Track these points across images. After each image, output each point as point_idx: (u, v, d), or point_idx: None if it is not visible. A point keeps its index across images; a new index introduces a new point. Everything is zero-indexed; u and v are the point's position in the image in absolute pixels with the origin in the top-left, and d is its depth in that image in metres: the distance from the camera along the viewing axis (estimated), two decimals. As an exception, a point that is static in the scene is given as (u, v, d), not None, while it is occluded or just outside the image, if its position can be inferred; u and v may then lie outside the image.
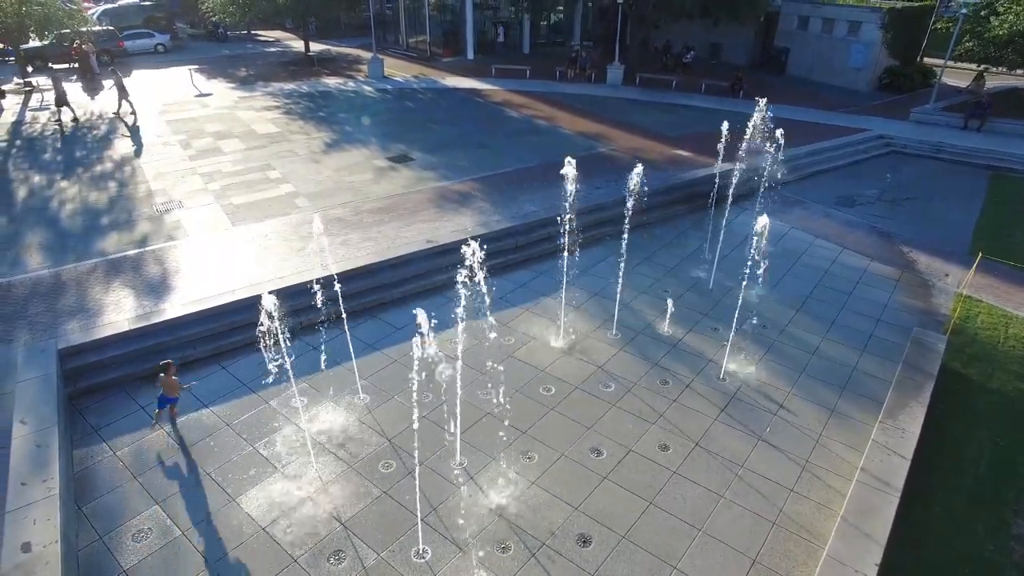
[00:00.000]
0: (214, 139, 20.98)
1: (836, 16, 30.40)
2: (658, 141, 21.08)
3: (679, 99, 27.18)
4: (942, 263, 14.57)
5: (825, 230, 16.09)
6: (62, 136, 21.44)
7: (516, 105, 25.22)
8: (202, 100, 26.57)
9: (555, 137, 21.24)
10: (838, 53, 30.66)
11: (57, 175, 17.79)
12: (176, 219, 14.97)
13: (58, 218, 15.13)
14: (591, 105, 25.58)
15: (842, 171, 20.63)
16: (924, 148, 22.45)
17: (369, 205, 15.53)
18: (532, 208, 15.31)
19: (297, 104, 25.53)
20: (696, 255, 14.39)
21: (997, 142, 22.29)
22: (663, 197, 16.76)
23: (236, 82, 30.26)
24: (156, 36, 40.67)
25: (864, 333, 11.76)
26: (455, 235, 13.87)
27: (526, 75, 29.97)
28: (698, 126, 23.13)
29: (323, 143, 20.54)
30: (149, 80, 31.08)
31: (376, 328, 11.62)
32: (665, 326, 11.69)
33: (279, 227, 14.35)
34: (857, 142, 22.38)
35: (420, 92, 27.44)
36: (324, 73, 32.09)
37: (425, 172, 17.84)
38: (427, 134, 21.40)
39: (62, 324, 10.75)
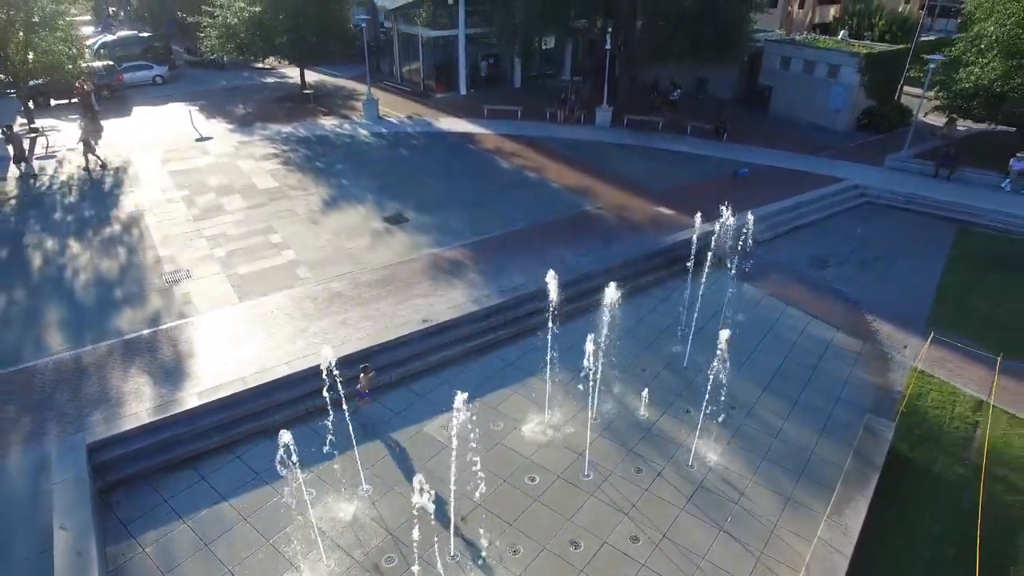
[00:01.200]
0: (216, 195, 22.00)
1: (816, 58, 31.63)
2: (642, 197, 22.22)
3: (665, 143, 28.34)
4: (902, 333, 15.78)
5: (797, 296, 17.27)
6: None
7: (507, 153, 26.31)
8: (203, 145, 27.55)
9: (544, 192, 22.36)
10: (818, 93, 31.91)
11: (69, 238, 18.79)
12: (185, 292, 16.01)
13: (73, 290, 16.16)
14: (579, 152, 26.71)
15: (818, 226, 21.85)
16: (896, 199, 23.70)
17: (367, 276, 16.61)
18: (520, 280, 16.42)
19: (295, 152, 26.55)
20: (672, 329, 15.51)
21: (964, 193, 23.56)
22: (644, 264, 17.93)
23: (235, 123, 31.23)
24: (154, 68, 41.53)
25: (823, 413, 12.94)
26: (450, 312, 14.99)
27: (517, 116, 31.07)
28: (682, 176, 24.34)
29: (321, 200, 21.59)
30: (150, 119, 32.05)
31: (376, 413, 12.69)
32: (642, 408, 12.82)
33: (283, 303, 15.41)
34: (833, 194, 23.60)
35: (414, 137, 28.48)
36: (320, 112, 33.10)
37: (419, 236, 18.92)
38: (421, 190, 22.46)
39: (87, 415, 11.80)
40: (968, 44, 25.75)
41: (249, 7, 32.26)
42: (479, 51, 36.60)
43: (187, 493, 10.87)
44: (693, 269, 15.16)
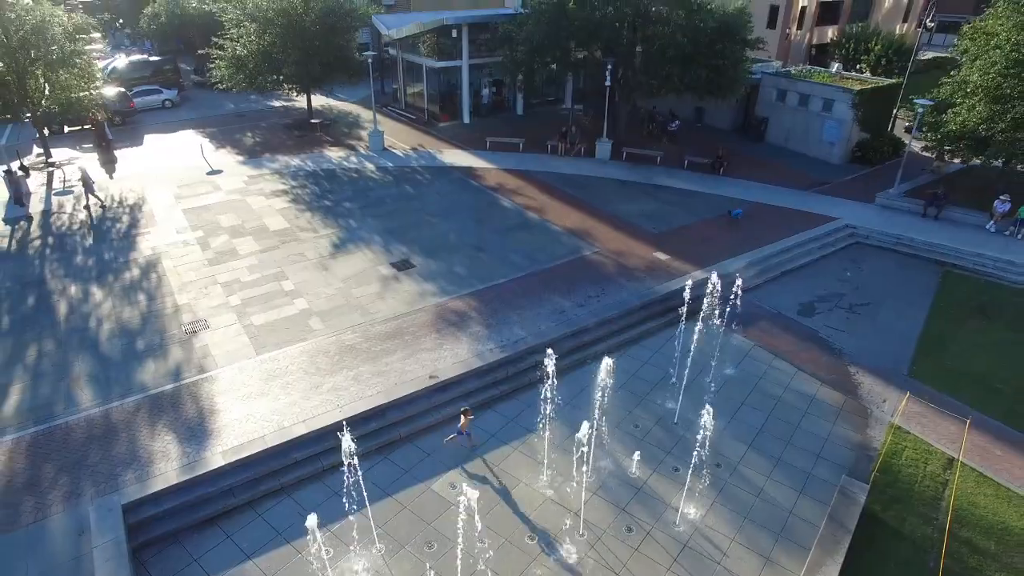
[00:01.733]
0: (230, 236, 23.04)
1: (811, 92, 32.59)
2: (639, 240, 23.21)
3: (663, 178, 29.32)
4: (883, 385, 16.75)
5: (784, 347, 18.24)
6: (90, 226, 23.47)
7: (509, 191, 27.31)
8: (214, 180, 28.60)
9: (544, 236, 23.35)
10: (813, 126, 32.88)
11: (91, 285, 19.85)
12: (204, 344, 17.04)
13: (98, 340, 17.19)
14: (579, 189, 27.70)
15: (809, 269, 22.80)
16: (885, 240, 24.66)
17: (377, 328, 17.62)
18: (521, 333, 17.42)
19: (304, 188, 27.59)
20: (664, 382, 16.49)
21: (949, 234, 24.51)
22: (639, 314, 18.92)
23: (244, 153, 32.30)
24: (164, 92, 42.74)
25: (804, 472, 13.93)
26: (456, 367, 16.00)
27: (519, 148, 32.08)
28: (678, 217, 25.31)
29: (330, 243, 22.61)
30: (162, 148, 33.15)
31: (387, 471, 13.70)
32: (633, 467, 13.82)
33: (298, 357, 16.43)
34: (825, 234, 24.56)
35: (419, 172, 29.48)
36: (327, 142, 34.15)
37: (426, 284, 19.93)
38: (426, 231, 23.49)
39: (120, 474, 12.84)
40: (955, 87, 26.70)
41: (258, 39, 33.31)
42: (482, 78, 37.59)
43: (214, 552, 11.89)
44: (685, 319, 16.08)
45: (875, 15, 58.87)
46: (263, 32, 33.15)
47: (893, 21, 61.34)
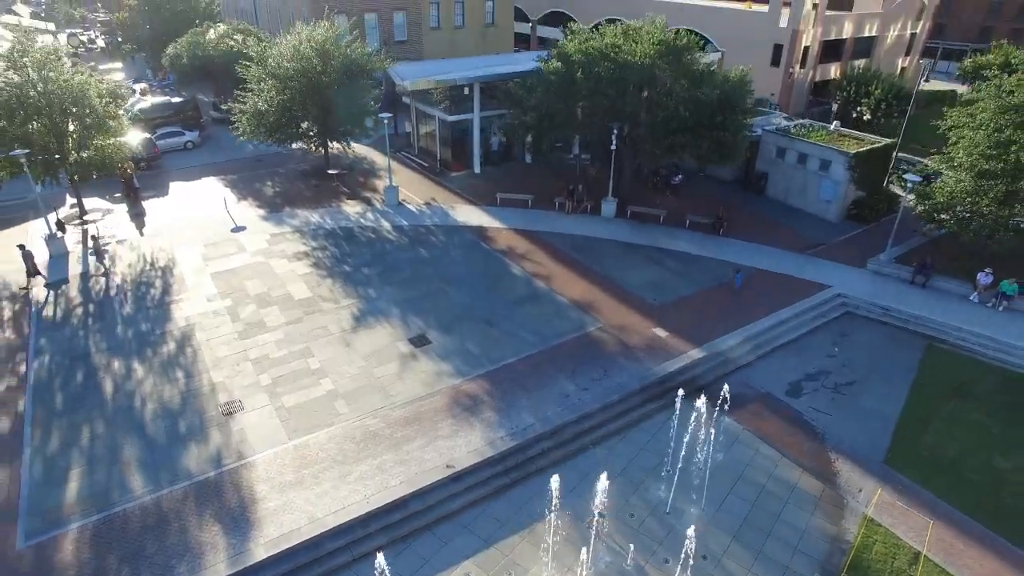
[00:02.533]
0: (257, 306, 24.91)
1: (809, 152, 34.20)
2: (640, 313, 24.92)
3: (665, 240, 30.99)
4: (860, 474, 18.44)
5: (771, 430, 19.94)
6: (127, 293, 25.34)
7: (519, 256, 29.07)
8: (238, 239, 30.49)
9: (551, 308, 25.10)
10: (811, 184, 34.50)
11: (132, 359, 21.75)
12: (240, 427, 18.90)
13: (144, 422, 19.07)
14: (585, 254, 29.40)
15: (801, 342, 24.48)
16: (874, 311, 26.30)
17: (397, 413, 19.43)
18: (530, 420, 19.21)
19: (324, 251, 29.42)
20: (659, 469, 18.21)
21: (936, 305, 26.12)
22: (638, 397, 20.66)
23: (265, 206, 34.20)
24: (186, 134, 44.76)
25: (782, 567, 15.65)
26: (470, 456, 17.81)
27: (528, 204, 33.84)
28: (679, 287, 27.00)
29: (351, 315, 24.43)
30: (186, 199, 35.16)
31: (410, 561, 15.50)
32: (628, 559, 15.57)
33: (326, 444, 18.26)
34: (816, 306, 26.22)
35: (433, 232, 31.27)
36: (343, 193, 36.01)
37: (441, 364, 21.72)
38: (441, 302, 25.29)
39: (175, 567, 14.70)
40: (942, 161, 28.29)
41: (279, 95, 35.17)
42: (493, 126, 39.24)
43: (260, 642, 13.73)
44: (681, 401, 17.56)
45: (877, 51, 60.30)
46: (283, 88, 34.99)
47: (895, 56, 62.73)
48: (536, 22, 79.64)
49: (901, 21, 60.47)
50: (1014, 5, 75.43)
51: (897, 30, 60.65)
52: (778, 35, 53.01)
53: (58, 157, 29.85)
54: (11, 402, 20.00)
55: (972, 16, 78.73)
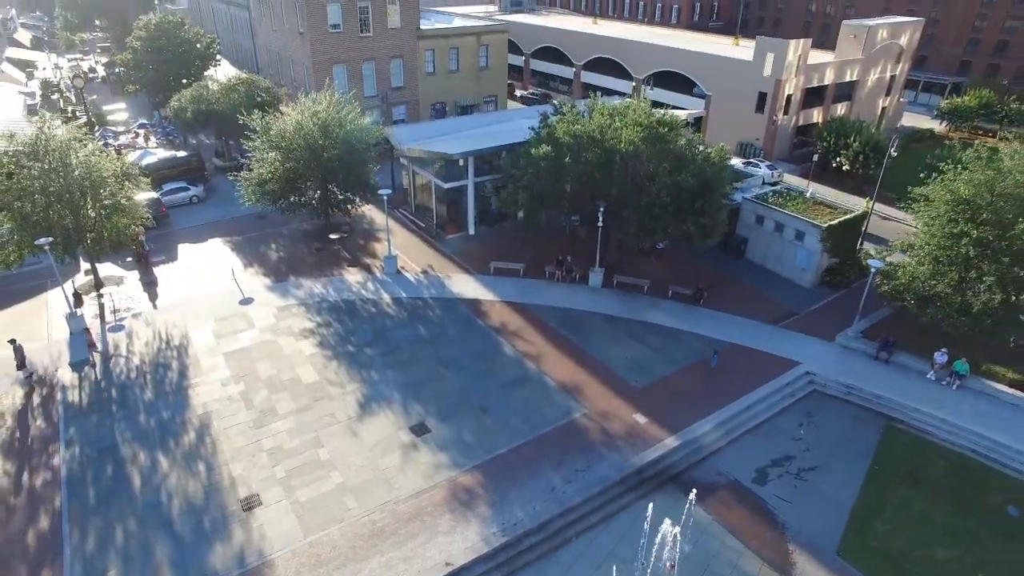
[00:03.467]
0: (268, 392, 27.16)
1: (785, 222, 36.64)
2: (622, 396, 27.30)
3: (649, 311, 33.34)
4: (814, 566, 20.83)
5: (737, 521, 22.31)
6: (147, 377, 27.48)
7: (511, 333, 31.38)
8: (246, 312, 32.71)
9: (540, 394, 27.42)
10: (787, 252, 36.95)
11: (156, 451, 23.96)
12: (260, 523, 21.17)
13: (171, 519, 21.30)
14: (573, 330, 31.73)
15: (769, 425, 26.88)
16: (839, 390, 28.75)
17: (401, 508, 21.74)
18: (520, 515, 21.56)
19: (328, 327, 31.65)
20: (631, 563, 20.53)
21: (896, 383, 28.58)
22: (618, 488, 23.02)
23: (270, 274, 36.44)
24: (191, 189, 46.93)
25: (740, 660, 18.05)
26: (466, 552, 20.16)
27: (520, 273, 36.15)
28: (659, 367, 29.36)
29: (356, 402, 26.68)
30: (195, 264, 37.43)
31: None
32: (606, 657, 17.94)
33: (338, 541, 20.55)
34: (787, 384, 28.65)
35: (431, 307, 33.53)
36: (344, 259, 38.24)
37: (439, 455, 24.03)
38: (439, 388, 27.57)
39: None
40: (904, 245, 30.76)
41: (282, 164, 37.34)
42: (488, 186, 41.34)
43: None
44: (655, 494, 19.78)
45: (859, 94, 62.88)
46: (285, 159, 37.16)
47: (876, 96, 65.33)
48: (529, 56, 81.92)
49: (881, 65, 63.04)
50: (990, 42, 78.14)
51: (877, 73, 63.22)
52: (762, 83, 55.56)
53: (75, 236, 31.96)
54: (48, 498, 22.21)
55: (952, 49, 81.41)
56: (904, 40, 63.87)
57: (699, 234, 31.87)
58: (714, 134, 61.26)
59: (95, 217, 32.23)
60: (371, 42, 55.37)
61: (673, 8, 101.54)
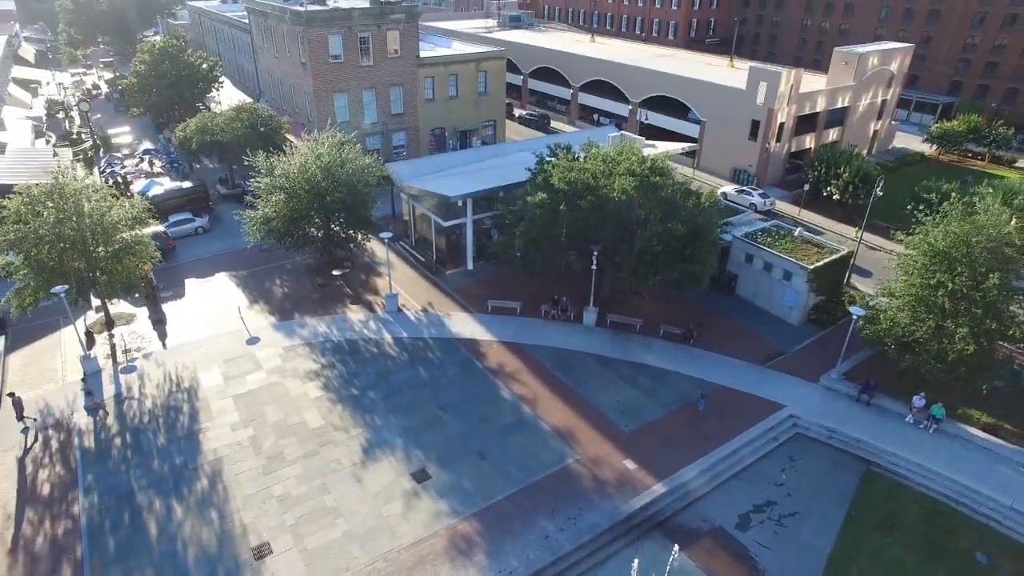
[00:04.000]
0: (276, 437, 28.56)
1: (773, 262, 38.07)
2: (613, 441, 28.73)
3: (640, 352, 34.77)
4: (791, 614, 22.32)
5: (718, 568, 23.68)
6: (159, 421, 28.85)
7: (508, 375, 32.80)
8: (253, 353, 34.11)
9: (535, 439, 28.83)
10: (775, 290, 38.39)
11: (171, 499, 25.35)
12: (271, 573, 22.57)
13: (187, 569, 22.69)
14: (567, 372, 33.15)
15: (753, 469, 28.30)
16: (821, 433, 30.18)
17: (404, 556, 23.17)
18: (515, 564, 23.00)
19: (332, 369, 33.04)
20: (624, 613, 22.04)
21: (875, 426, 30.00)
22: (607, 536, 24.46)
23: (275, 311, 37.87)
24: (196, 220, 48.31)
25: None
26: (464, 604, 21.60)
27: (517, 311, 37.56)
28: (649, 409, 30.79)
29: (360, 447, 28.09)
30: (202, 302, 38.80)
31: None
32: None
33: (344, 591, 21.99)
34: (771, 428, 30.08)
35: (431, 348, 34.91)
36: (347, 296, 39.64)
37: (440, 503, 25.45)
38: (439, 433, 28.96)
39: None
40: (886, 292, 32.20)
41: (287, 203, 38.66)
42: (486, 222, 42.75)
43: None
44: (642, 542, 21.21)
45: (850, 119, 64.34)
46: (290, 198, 38.50)
47: (868, 121, 66.81)
48: (527, 75, 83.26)
49: (872, 90, 64.49)
50: (980, 63, 79.58)
51: (868, 99, 64.68)
52: (755, 112, 56.98)
53: (88, 279, 33.32)
54: (70, 547, 23.61)
55: (943, 69, 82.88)
56: (895, 66, 65.31)
57: (689, 280, 33.29)
58: (708, 159, 62.93)
59: (107, 260, 33.57)
60: (371, 71, 56.72)
61: (670, 24, 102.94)
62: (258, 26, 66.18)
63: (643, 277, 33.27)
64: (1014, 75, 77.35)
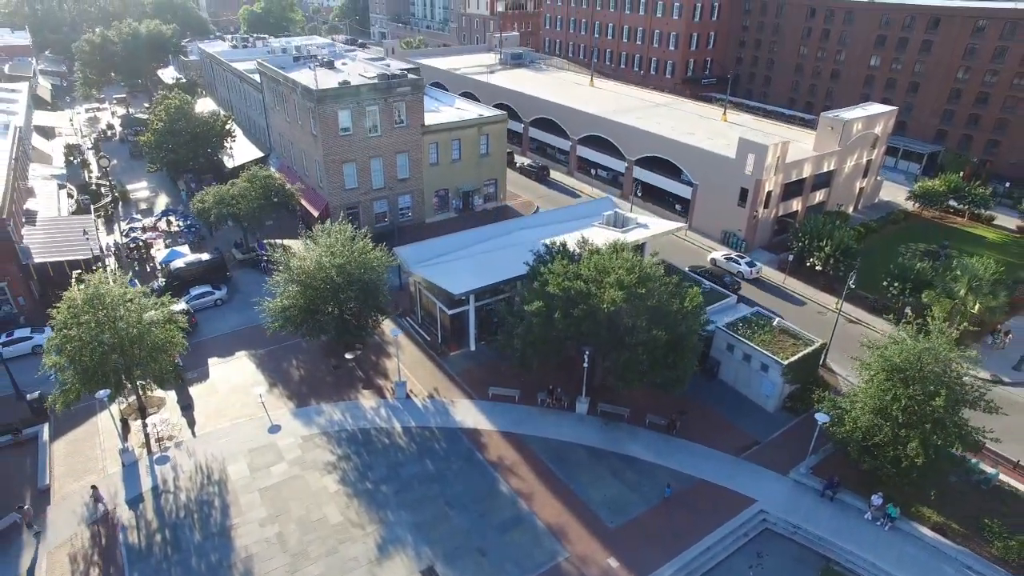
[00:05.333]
0: (300, 533, 32.31)
1: (752, 353, 41.72)
2: (599, 538, 32.48)
3: (627, 443, 38.50)
4: None
5: (690, 668, 27.51)
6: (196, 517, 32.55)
7: (507, 468, 36.53)
8: (275, 443, 37.85)
9: (531, 536, 32.58)
10: (754, 378, 42.07)
11: (211, 601, 29.12)
12: (300, 674, 26.35)
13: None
14: (561, 465, 36.86)
15: (724, 567, 32.03)
16: (787, 529, 33.91)
17: (414, 661, 26.95)
18: (512, 669, 26.76)
19: (348, 461, 36.77)
20: None
21: (836, 522, 33.71)
22: (594, 639, 28.21)
23: (294, 397, 41.60)
24: (215, 292, 51.99)
25: None
26: None
27: (515, 400, 41.28)
28: (633, 504, 34.52)
29: (375, 544, 31.83)
30: (226, 388, 42.40)
31: None
32: None
33: None
34: (742, 525, 33.78)
35: (436, 438, 38.64)
36: (359, 380, 43.34)
37: (446, 607, 29.24)
38: (445, 528, 32.74)
39: None
40: (851, 398, 35.84)
41: (302, 294, 42.27)
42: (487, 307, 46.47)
43: None
44: None
45: (836, 180, 67.88)
46: (305, 291, 42.10)
47: (854, 180, 70.44)
48: (528, 124, 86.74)
49: (858, 152, 68.05)
50: (964, 113, 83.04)
51: (854, 161, 68.25)
52: (744, 180, 60.56)
53: (125, 376, 37.03)
54: (126, 647, 27.40)
55: (929, 118, 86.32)
56: (879, 128, 68.89)
57: (671, 383, 36.97)
58: (700, 220, 66.54)
59: (142, 358, 37.24)
60: (378, 140, 60.40)
61: (668, 64, 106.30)
62: (270, 88, 69.68)
63: (630, 380, 36.93)
64: (996, 127, 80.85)
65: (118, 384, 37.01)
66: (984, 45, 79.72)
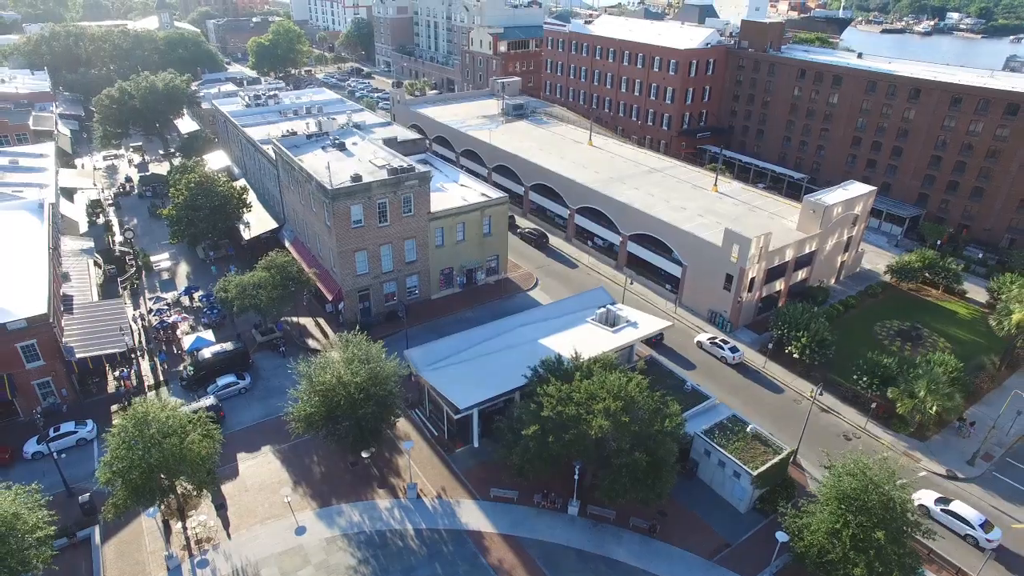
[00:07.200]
0: (327, 642, 37.56)
1: (726, 462, 46.81)
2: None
3: (611, 545, 43.68)
4: None
5: None
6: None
7: (507, 572, 41.67)
8: (302, 546, 43.01)
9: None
10: (728, 482, 47.20)
11: None
12: None
13: None
14: (554, 569, 42.04)
15: (693, 672, 37.26)
16: (750, 636, 39.10)
17: None
18: None
19: (367, 565, 41.93)
20: None
21: (794, 633, 38.91)
22: None
23: (316, 496, 46.77)
24: (240, 382, 57.07)
25: None
26: None
27: (514, 500, 46.46)
28: (616, 614, 39.73)
29: (392, 654, 37.10)
30: (254, 485, 47.47)
31: None
32: None
33: None
34: (709, 633, 39.00)
35: (444, 541, 43.80)
36: (373, 478, 48.50)
37: None
38: (452, 638, 37.99)
39: None
40: (807, 514, 40.91)
41: (323, 403, 47.26)
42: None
43: None
44: None
45: (818, 257, 72.71)
46: (325, 400, 47.12)
47: (835, 255, 75.26)
48: (528, 188, 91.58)
49: (838, 232, 72.84)
50: (944, 180, 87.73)
51: (835, 240, 73.04)
52: (729, 267, 65.43)
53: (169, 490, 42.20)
54: None
55: (911, 181, 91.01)
56: (859, 209, 73.65)
57: (650, 498, 42.13)
58: (689, 298, 71.50)
59: (184, 471, 42.38)
60: (388, 229, 65.33)
61: (664, 116, 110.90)
62: (285, 170, 74.45)
63: (614, 496, 42.08)
64: (972, 194, 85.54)
65: (163, 495, 42.18)
66: (960, 118, 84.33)
